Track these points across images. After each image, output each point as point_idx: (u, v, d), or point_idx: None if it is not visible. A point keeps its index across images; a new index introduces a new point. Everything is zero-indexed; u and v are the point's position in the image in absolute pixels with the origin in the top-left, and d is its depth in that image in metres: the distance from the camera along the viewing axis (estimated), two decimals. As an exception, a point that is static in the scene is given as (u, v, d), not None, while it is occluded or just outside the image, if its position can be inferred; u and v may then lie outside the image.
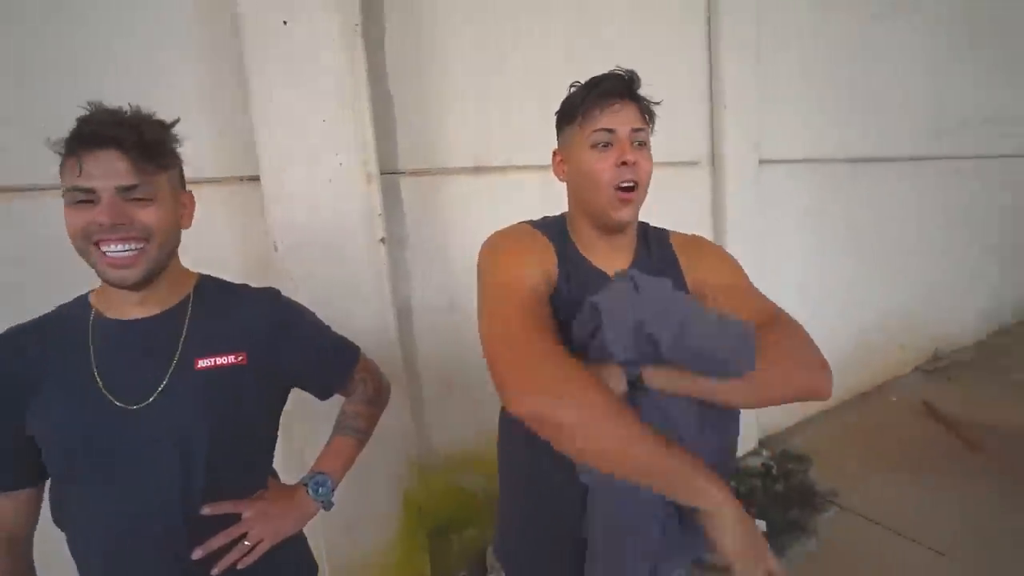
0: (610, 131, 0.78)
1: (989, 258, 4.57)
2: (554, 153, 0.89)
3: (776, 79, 2.73)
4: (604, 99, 0.78)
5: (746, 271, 0.90)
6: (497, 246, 0.85)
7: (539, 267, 0.80)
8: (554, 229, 0.88)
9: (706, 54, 2.48)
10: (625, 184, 0.78)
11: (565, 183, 0.88)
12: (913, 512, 2.29)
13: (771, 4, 2.65)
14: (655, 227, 0.95)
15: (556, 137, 0.89)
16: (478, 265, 0.84)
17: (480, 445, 2.08)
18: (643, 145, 0.81)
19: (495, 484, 2.14)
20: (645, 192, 0.82)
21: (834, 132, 3.09)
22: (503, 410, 0.99)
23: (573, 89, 0.84)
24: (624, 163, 0.77)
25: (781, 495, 2.44)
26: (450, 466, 2.06)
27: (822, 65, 2.99)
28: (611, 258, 0.86)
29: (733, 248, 0.95)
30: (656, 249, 0.90)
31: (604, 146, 0.79)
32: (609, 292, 0.70)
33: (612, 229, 0.84)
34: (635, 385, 0.70)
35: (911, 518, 2.25)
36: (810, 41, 2.91)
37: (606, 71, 0.82)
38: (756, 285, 0.88)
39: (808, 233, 3.05)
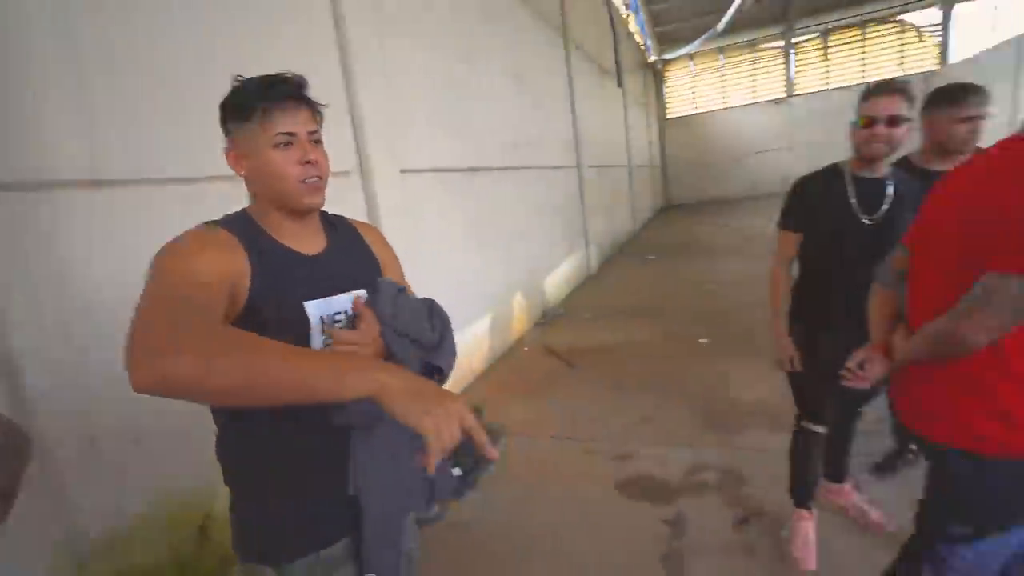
0: (291, 134, 0.87)
1: (561, 239, 6.51)
2: (228, 150, 0.91)
3: (404, 104, 3.22)
4: (281, 102, 0.86)
5: (402, 262, 1.15)
6: (168, 251, 0.81)
7: (215, 262, 0.81)
8: (238, 224, 0.90)
9: (343, 80, 2.72)
10: (311, 180, 0.90)
11: (244, 177, 0.92)
12: (550, 418, 3.18)
13: (391, 40, 3.09)
14: (330, 213, 1.07)
15: (223, 130, 0.91)
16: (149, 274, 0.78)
17: (150, 505, 1.78)
18: (319, 143, 0.93)
19: (186, 547, 1.88)
20: (327, 180, 0.94)
21: (450, 147, 3.83)
22: (218, 418, 0.95)
23: (238, 83, 0.88)
24: (308, 162, 0.88)
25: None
26: (117, 544, 1.69)
27: (426, 93, 3.67)
28: (304, 239, 0.95)
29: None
30: (342, 230, 1.04)
31: (285, 145, 0.87)
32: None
33: (303, 214, 0.94)
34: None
35: (549, 422, 3.12)
36: (424, 75, 3.53)
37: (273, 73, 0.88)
38: (412, 273, 1.15)
39: (444, 228, 3.69)
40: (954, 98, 1.74)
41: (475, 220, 4.14)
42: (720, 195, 17.88)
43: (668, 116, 18.97)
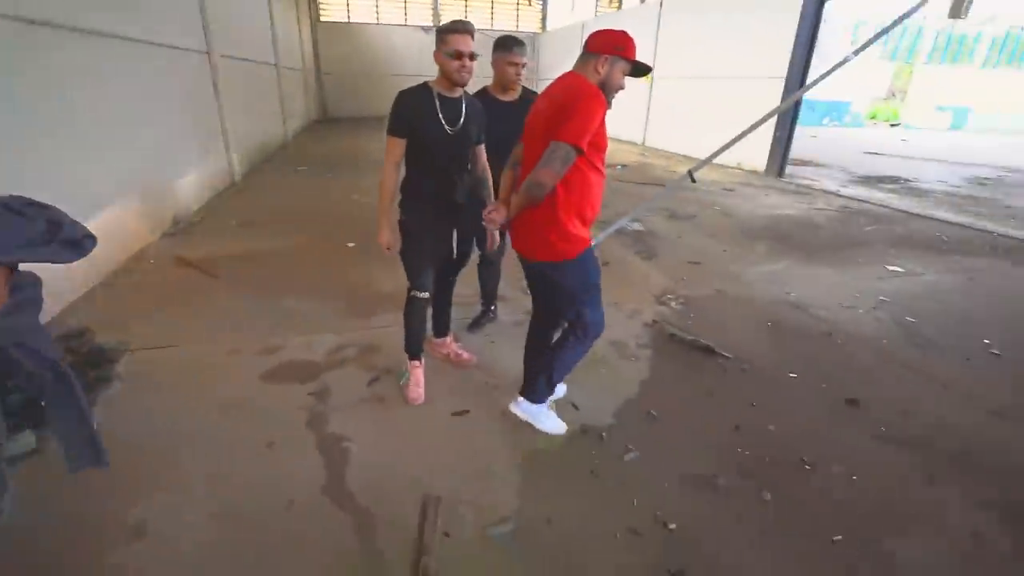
0: None
1: (191, 138, 5.57)
2: None
3: None
4: None
5: None
6: None
7: None
8: None
9: None
10: None
11: None
12: (189, 328, 2.94)
13: None
14: None
15: None
16: None
17: None
18: None
19: None
20: None
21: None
22: None
23: None
24: None
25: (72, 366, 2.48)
26: None
27: None
28: None
29: None
30: None
31: None
32: None
33: None
34: None
35: (187, 332, 2.90)
36: None
37: None
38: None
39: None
40: (506, 47, 2.41)
41: (45, 98, 3.12)
42: (377, 111, 18.14)
43: (322, 19, 17.67)
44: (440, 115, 2.01)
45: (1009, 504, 1.89)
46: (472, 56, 1.96)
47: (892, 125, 24.15)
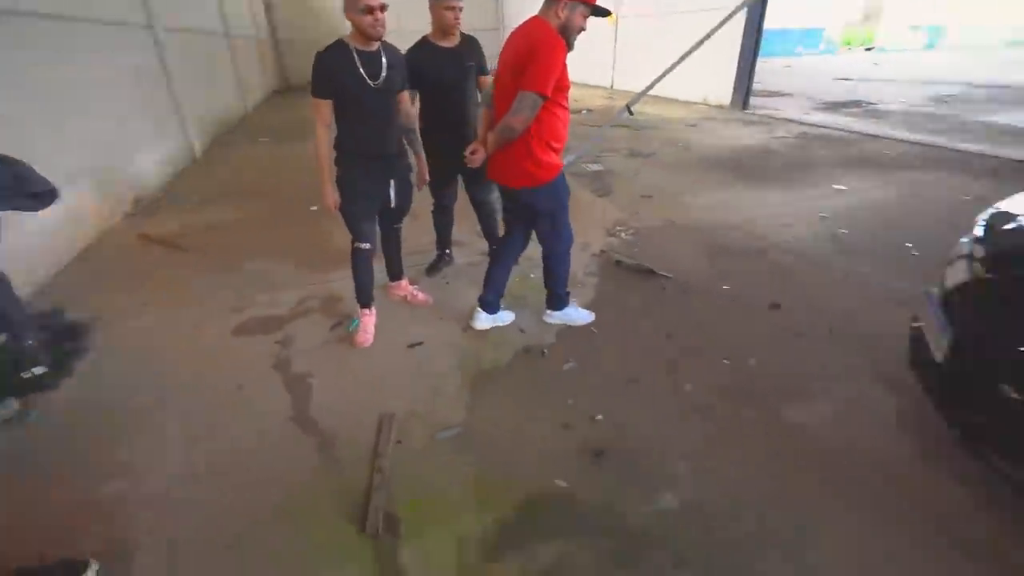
0: None
1: (142, 117, 5.52)
2: None
3: None
4: None
5: None
6: None
7: None
8: None
9: None
10: None
11: None
12: (157, 297, 3.09)
13: None
14: None
15: None
16: None
17: None
18: None
19: None
20: None
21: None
22: None
23: None
24: None
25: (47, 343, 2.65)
26: None
27: None
28: None
29: None
30: None
31: None
32: None
33: None
34: None
35: (156, 301, 3.05)
36: None
37: None
38: None
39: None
40: None
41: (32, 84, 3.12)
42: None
43: (271, -19, 16.86)
44: (361, 70, 2.09)
45: (899, 377, 2.14)
46: (383, 8, 2.02)
47: (867, 49, 23.84)
